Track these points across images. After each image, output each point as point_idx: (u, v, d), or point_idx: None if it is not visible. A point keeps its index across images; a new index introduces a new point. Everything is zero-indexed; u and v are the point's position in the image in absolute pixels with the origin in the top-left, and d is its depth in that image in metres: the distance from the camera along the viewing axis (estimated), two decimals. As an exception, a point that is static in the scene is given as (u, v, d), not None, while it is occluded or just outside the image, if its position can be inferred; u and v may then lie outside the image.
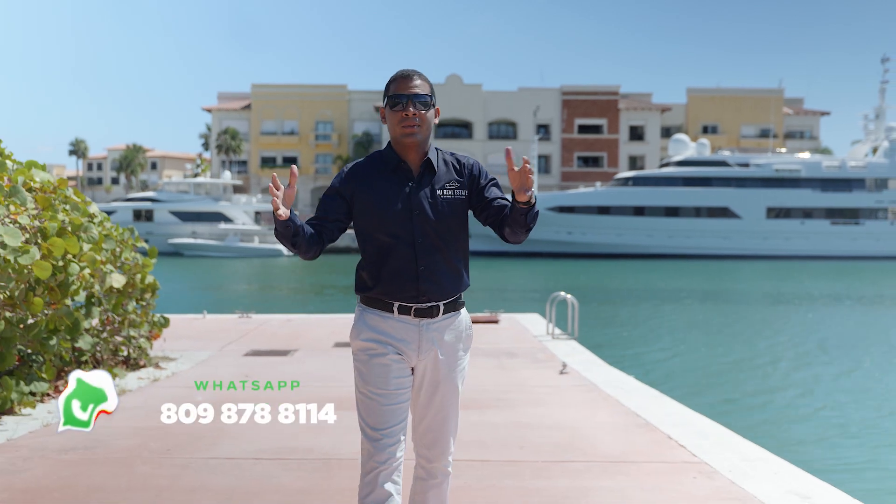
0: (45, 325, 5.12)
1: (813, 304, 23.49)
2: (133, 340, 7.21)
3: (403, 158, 2.42)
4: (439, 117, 2.48)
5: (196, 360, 7.82)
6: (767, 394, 10.77)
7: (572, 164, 65.97)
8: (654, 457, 4.28)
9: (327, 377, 6.73)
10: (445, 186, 2.41)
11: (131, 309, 6.95)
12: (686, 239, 49.30)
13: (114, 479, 3.78)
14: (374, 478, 2.34)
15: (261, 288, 29.75)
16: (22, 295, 4.53)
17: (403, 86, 2.38)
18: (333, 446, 4.42)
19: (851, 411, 9.71)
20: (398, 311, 2.38)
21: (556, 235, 48.82)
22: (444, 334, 2.41)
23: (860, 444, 8.08)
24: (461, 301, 2.48)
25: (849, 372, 12.32)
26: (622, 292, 27.05)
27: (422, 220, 2.37)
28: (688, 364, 13.07)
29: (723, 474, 3.91)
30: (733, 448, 4.44)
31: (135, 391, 6.05)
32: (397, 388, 2.38)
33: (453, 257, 2.42)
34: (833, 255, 48.79)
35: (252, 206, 53.08)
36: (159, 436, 4.59)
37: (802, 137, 72.10)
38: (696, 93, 70.30)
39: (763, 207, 49.48)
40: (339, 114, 67.28)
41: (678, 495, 3.63)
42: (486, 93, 65.27)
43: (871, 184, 50.77)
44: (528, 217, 2.33)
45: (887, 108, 56.11)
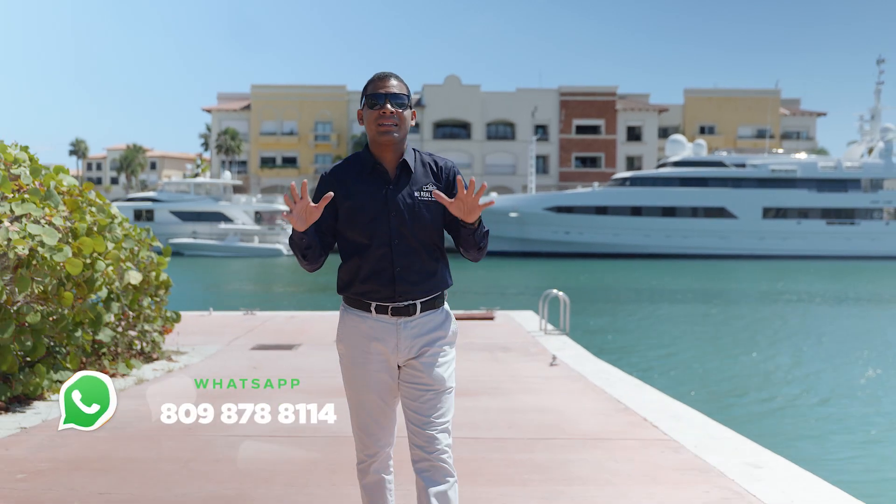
0: (72, 319, 5.57)
1: (807, 303, 23.88)
2: (147, 334, 7.66)
3: (380, 160, 2.45)
4: (415, 120, 2.53)
5: (205, 354, 8.26)
6: (750, 385, 11.24)
7: (570, 164, 66.41)
8: (628, 435, 4.74)
9: (330, 369, 7.16)
10: (423, 188, 2.44)
11: (146, 304, 7.40)
12: (683, 239, 49.75)
13: (144, 451, 4.25)
14: (367, 467, 2.52)
15: (262, 286, 30.18)
16: (54, 290, 4.98)
17: (380, 85, 2.41)
18: (340, 428, 4.87)
19: (829, 397, 10.27)
20: (375, 311, 2.43)
21: (553, 235, 49.24)
22: (422, 332, 2.44)
23: (838, 430, 8.57)
24: (441, 298, 2.51)
25: (835, 366, 12.80)
26: (618, 291, 27.44)
27: (398, 222, 2.40)
28: (675, 357, 13.55)
29: (688, 449, 4.37)
30: (702, 428, 4.90)
31: (152, 381, 6.50)
32: (379, 392, 2.45)
33: (430, 257, 2.45)
34: (829, 255, 49.22)
35: (252, 206, 53.33)
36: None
37: (799, 138, 72.36)
38: (694, 93, 70.70)
39: (759, 207, 49.96)
40: (338, 114, 67.69)
41: (646, 465, 4.09)
42: (484, 93, 65.66)
43: (866, 184, 51.12)
44: (476, 236, 2.40)
45: (883, 109, 56.32)
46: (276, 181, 67.14)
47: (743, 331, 17.58)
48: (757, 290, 28.77)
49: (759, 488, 3.70)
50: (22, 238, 4.23)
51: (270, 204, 54.52)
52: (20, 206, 4.37)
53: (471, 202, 2.29)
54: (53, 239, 4.50)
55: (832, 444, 8.02)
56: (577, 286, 27.79)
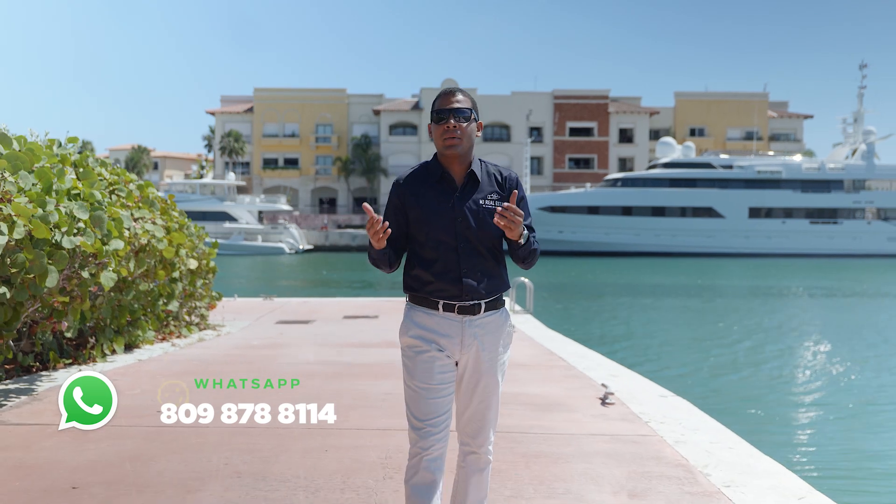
0: (158, 292, 7.75)
1: (788, 297, 25.12)
2: (197, 309, 9.84)
3: (447, 169, 2.59)
4: (482, 131, 2.65)
5: (240, 327, 10.42)
6: (688, 353, 13.38)
7: (564, 165, 67.90)
8: (542, 363, 6.89)
9: (340, 335, 9.33)
10: (487, 197, 2.58)
11: (199, 285, 9.57)
12: (672, 238, 51.36)
13: (221, 375, 6.39)
14: (418, 462, 2.54)
15: (268, 281, 32.04)
16: (152, 270, 7.14)
17: (446, 101, 2.54)
18: (362, 392, 7.02)
19: (780, 376, 11.92)
20: (443, 309, 2.54)
21: (547, 234, 50.49)
22: (485, 330, 2.56)
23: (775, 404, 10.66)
24: (501, 301, 2.64)
25: (803, 352, 14.21)
26: (604, 286, 28.98)
27: (464, 227, 2.52)
28: (625, 332, 15.71)
29: (578, 369, 6.53)
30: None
31: (211, 339, 8.68)
32: (441, 383, 2.54)
33: (492, 261, 2.59)
34: (812, 253, 50.90)
35: (255, 206, 54.81)
36: (247, 357, 7.21)
37: (787, 140, 73.82)
38: (684, 96, 72.09)
39: (745, 207, 51.62)
40: (339, 117, 69.10)
41: (546, 373, 6.23)
42: (480, 97, 66.83)
43: (848, 185, 52.57)
44: (519, 252, 2.57)
45: (865, 112, 57.54)
46: (278, 182, 68.95)
47: (706, 315, 19.62)
48: (738, 285, 30.03)
49: (614, 385, 5.83)
50: (144, 232, 6.37)
51: (273, 204, 56.35)
52: (139, 212, 6.51)
53: (510, 218, 2.42)
54: (161, 233, 6.62)
55: (722, 383, 10.18)
56: (568, 282, 29.88)
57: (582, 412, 5.03)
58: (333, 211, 67.38)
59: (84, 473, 3.66)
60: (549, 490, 3.51)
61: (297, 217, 61.32)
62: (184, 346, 8.07)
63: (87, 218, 4.69)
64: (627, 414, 5.00)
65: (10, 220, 3.94)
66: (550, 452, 4.09)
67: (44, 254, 4.21)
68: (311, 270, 38.03)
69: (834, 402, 9.94)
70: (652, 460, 3.97)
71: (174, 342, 8.23)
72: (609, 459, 3.97)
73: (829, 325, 18.71)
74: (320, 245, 56.65)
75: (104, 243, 4.94)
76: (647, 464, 3.90)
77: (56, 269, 4.36)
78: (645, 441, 4.33)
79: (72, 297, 4.94)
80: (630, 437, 4.40)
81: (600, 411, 5.06)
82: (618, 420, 4.83)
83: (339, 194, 68.89)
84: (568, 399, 5.44)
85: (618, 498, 3.41)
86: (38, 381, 5.60)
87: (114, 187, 6.43)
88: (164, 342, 8.17)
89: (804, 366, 12.79)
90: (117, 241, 5.11)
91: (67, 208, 4.56)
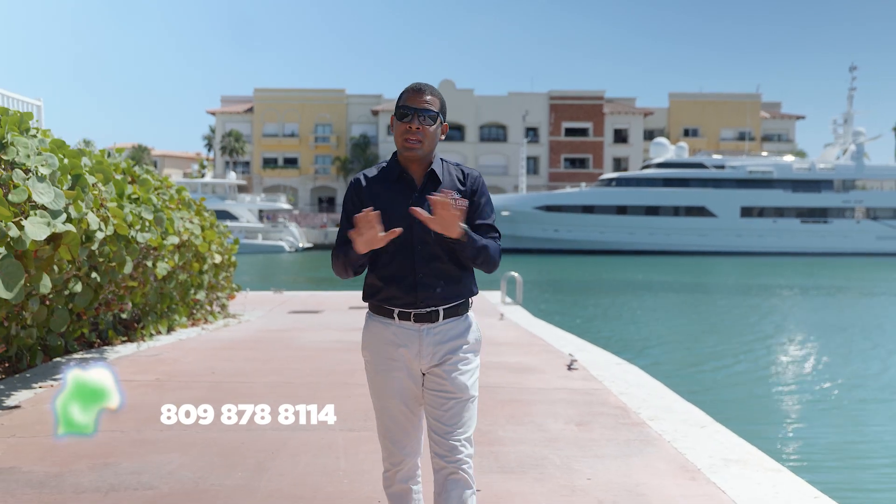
0: (190, 282, 8.92)
1: (778, 293, 25.59)
2: (219, 299, 11.01)
3: (406, 169, 2.45)
4: (446, 133, 2.50)
5: (257, 316, 11.57)
6: (670, 341, 14.52)
7: (559, 165, 68.92)
8: (524, 342, 8.05)
9: (347, 322, 10.49)
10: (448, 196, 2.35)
11: (221, 277, 10.74)
12: (665, 236, 52.25)
13: (249, 353, 7.55)
14: (393, 475, 2.50)
15: (270, 279, 32.98)
16: (188, 262, 8.30)
17: (413, 99, 2.39)
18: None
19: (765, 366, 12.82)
20: (398, 318, 2.42)
21: (543, 233, 51.68)
22: (445, 338, 2.43)
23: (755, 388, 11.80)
24: (464, 306, 2.49)
25: (782, 340, 15.06)
26: (596, 283, 29.87)
27: (422, 229, 2.36)
28: (610, 321, 16.86)
29: (557, 348, 7.69)
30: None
31: (234, 325, 9.86)
32: (403, 399, 2.44)
33: (454, 264, 2.44)
34: (803, 252, 51.76)
35: (256, 205, 55.82)
36: (271, 338, 8.37)
37: (779, 140, 74.69)
38: (678, 97, 73.03)
39: (738, 207, 52.46)
40: (338, 117, 70.02)
41: (527, 350, 7.38)
42: (477, 97, 68.19)
43: (838, 185, 53.35)
44: (467, 252, 2.38)
45: (855, 113, 58.54)
46: (278, 181, 69.95)
47: (694, 308, 20.63)
48: (729, 282, 30.65)
49: (581, 357, 7.00)
50: (185, 230, 7.54)
51: (273, 203, 57.34)
52: (179, 212, 7.67)
53: (445, 216, 2.25)
54: (198, 230, 7.78)
55: (705, 374, 11.36)
56: (563, 279, 30.95)
57: (550, 374, 6.22)
58: (332, 210, 68.36)
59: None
60: (517, 422, 4.69)
61: (296, 216, 62.31)
62: (212, 329, 9.24)
63: (152, 218, 5.84)
64: (587, 376, 6.18)
65: (107, 220, 5.08)
66: (521, 399, 5.27)
67: (123, 246, 5.36)
68: (312, 267, 38.80)
69: (788, 375, 11.12)
70: (599, 405, 5.15)
71: (203, 327, 9.39)
72: (567, 405, 5.15)
73: (815, 319, 19.37)
74: (319, 243, 57.69)
75: (163, 238, 6.09)
76: (595, 406, 5.09)
77: (130, 259, 5.51)
78: (596, 393, 5.52)
79: (138, 282, 6.10)
80: (585, 391, 5.59)
81: (565, 374, 6.25)
82: (578, 380, 6.02)
83: (338, 193, 69.95)
84: (540, 365, 6.64)
85: (568, 426, 4.59)
86: (106, 353, 6.77)
87: (159, 191, 7.59)
88: (194, 327, 9.33)
89: (779, 351, 13.90)
90: (173, 237, 6.27)
91: (137, 210, 5.72)
